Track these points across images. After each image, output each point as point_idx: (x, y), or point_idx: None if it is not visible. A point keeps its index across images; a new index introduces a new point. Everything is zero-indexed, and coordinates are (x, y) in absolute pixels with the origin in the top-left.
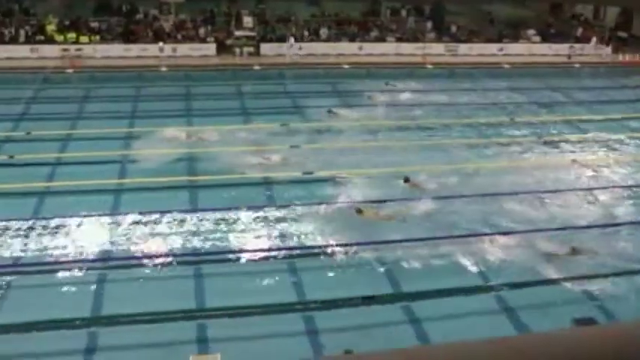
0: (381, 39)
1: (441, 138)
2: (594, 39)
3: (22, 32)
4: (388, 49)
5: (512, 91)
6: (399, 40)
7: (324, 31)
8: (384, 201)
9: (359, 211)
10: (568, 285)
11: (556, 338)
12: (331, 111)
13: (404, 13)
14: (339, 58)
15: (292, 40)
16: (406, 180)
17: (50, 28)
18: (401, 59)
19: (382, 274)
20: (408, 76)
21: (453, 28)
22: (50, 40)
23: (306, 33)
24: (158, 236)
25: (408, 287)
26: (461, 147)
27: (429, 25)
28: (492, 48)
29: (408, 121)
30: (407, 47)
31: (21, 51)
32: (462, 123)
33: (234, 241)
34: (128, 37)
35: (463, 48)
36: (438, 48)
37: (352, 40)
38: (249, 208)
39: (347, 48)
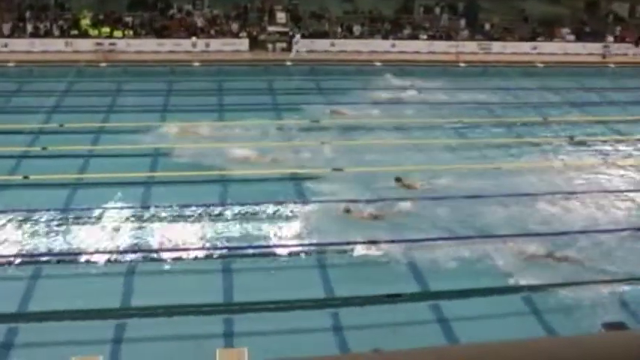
0: (413, 36)
1: (472, 137)
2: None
3: (56, 26)
4: (421, 47)
5: (545, 90)
6: (432, 37)
7: (357, 28)
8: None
9: (347, 211)
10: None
11: (584, 342)
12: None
13: (437, 10)
14: (372, 56)
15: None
16: (398, 179)
17: (84, 22)
18: (434, 57)
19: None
20: (440, 75)
21: (487, 26)
22: (84, 35)
23: (339, 30)
24: (187, 229)
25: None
26: (490, 147)
27: (463, 22)
28: (526, 46)
29: (438, 119)
30: (440, 45)
31: (56, 44)
32: (492, 122)
33: (261, 236)
34: (161, 32)
35: (496, 46)
36: (471, 46)
37: (385, 37)
38: (277, 203)
39: (379, 45)
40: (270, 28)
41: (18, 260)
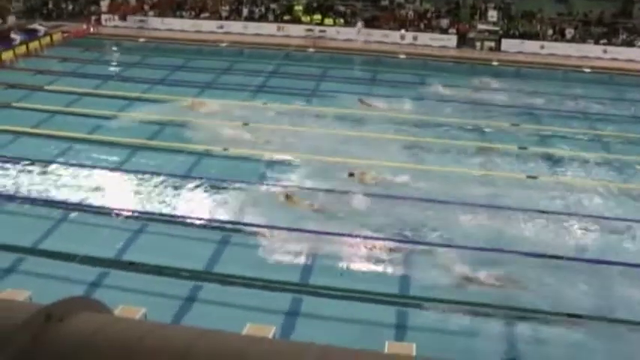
0: (629, 43)
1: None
2: None
3: (271, 11)
4: (635, 55)
5: None
6: None
7: (569, 31)
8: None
9: (287, 197)
10: None
11: None
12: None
13: None
14: (582, 61)
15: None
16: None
17: (298, 9)
18: None
19: None
20: None
21: None
22: (296, 21)
23: (550, 32)
24: (367, 221)
25: None
26: None
27: None
28: None
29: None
30: None
31: (268, 29)
32: None
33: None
34: (371, 22)
35: None
36: None
37: (597, 42)
38: None
39: (591, 50)
40: (480, 26)
41: (208, 225)
